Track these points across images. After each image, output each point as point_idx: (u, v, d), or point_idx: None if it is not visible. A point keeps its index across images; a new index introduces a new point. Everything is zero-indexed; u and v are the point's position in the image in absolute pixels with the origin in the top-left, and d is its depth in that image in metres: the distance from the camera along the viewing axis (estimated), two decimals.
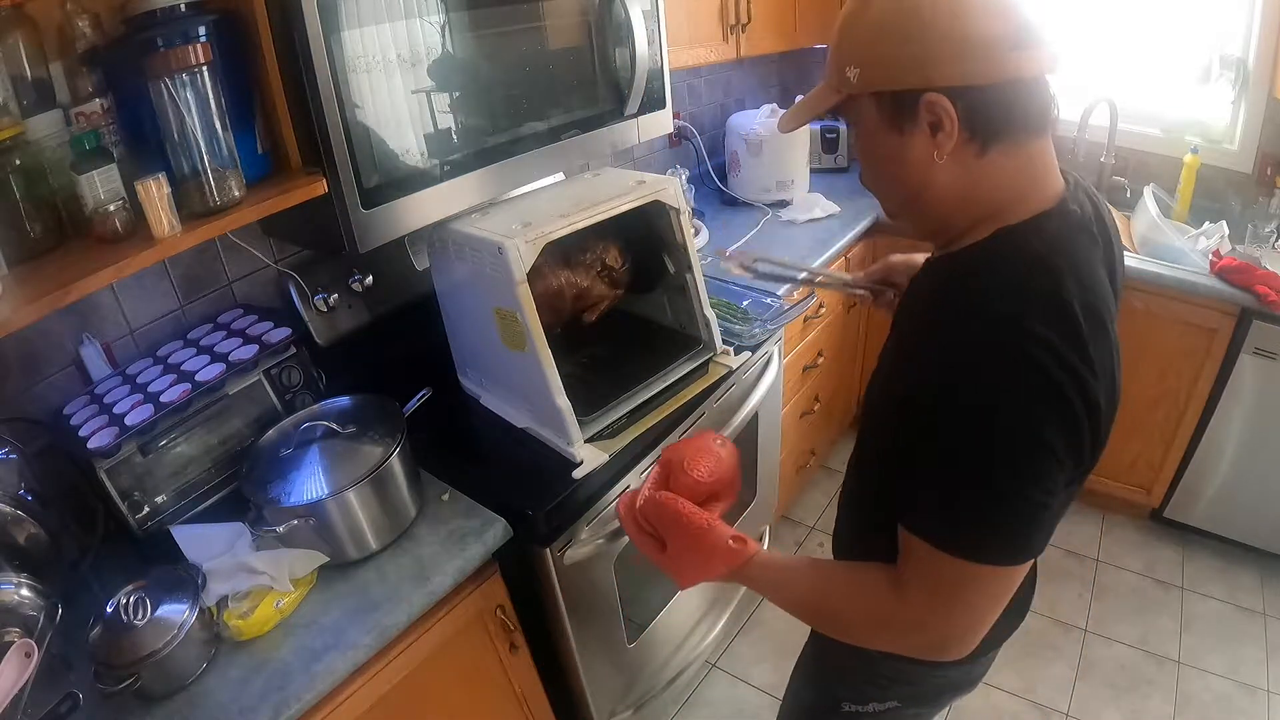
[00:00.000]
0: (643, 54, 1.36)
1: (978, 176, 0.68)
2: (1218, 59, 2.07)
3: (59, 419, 1.13)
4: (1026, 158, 0.68)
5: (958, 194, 0.69)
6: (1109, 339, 0.69)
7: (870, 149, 0.72)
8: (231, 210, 1.02)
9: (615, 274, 1.44)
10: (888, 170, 0.73)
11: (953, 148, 0.66)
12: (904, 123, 0.67)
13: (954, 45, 0.62)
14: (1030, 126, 0.67)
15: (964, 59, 0.63)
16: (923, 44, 0.63)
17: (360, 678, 1.01)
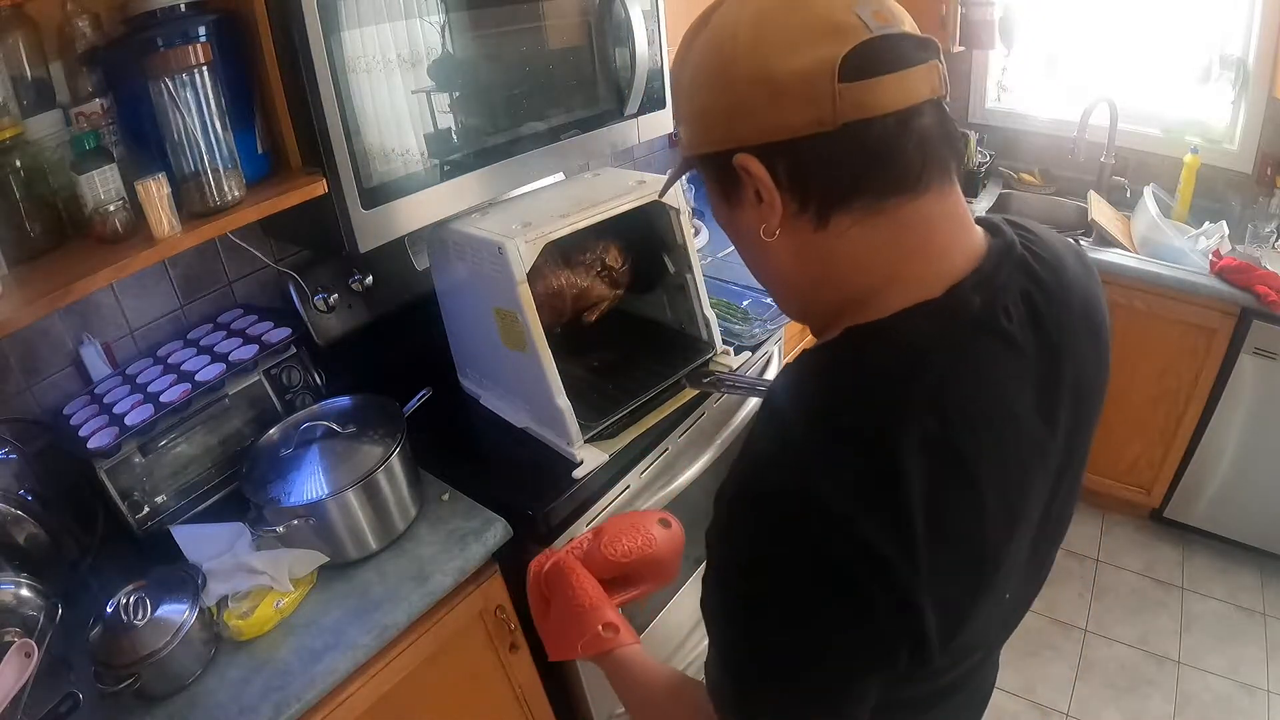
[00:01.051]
0: (643, 54, 1.36)
1: (824, 254, 0.51)
2: (1218, 59, 2.07)
3: (59, 419, 1.13)
4: (896, 227, 0.50)
5: (807, 278, 0.54)
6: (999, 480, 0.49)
7: (718, 219, 0.58)
8: (231, 210, 1.02)
9: (615, 274, 1.44)
10: (741, 250, 0.58)
11: (780, 220, 0.51)
12: (730, 190, 0.53)
13: (763, 87, 0.47)
14: (893, 181, 0.49)
15: (777, 105, 0.47)
16: (729, 90, 0.49)
17: (360, 678, 1.01)
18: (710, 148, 0.52)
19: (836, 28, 0.47)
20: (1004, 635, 0.68)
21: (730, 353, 1.48)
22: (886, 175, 0.49)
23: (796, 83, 0.47)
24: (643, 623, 1.55)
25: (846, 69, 0.46)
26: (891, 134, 0.47)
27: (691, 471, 1.37)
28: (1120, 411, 2.08)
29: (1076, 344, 0.55)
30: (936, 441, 0.45)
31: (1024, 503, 0.52)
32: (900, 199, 0.49)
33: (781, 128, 0.48)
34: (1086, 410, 0.57)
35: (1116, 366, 0.63)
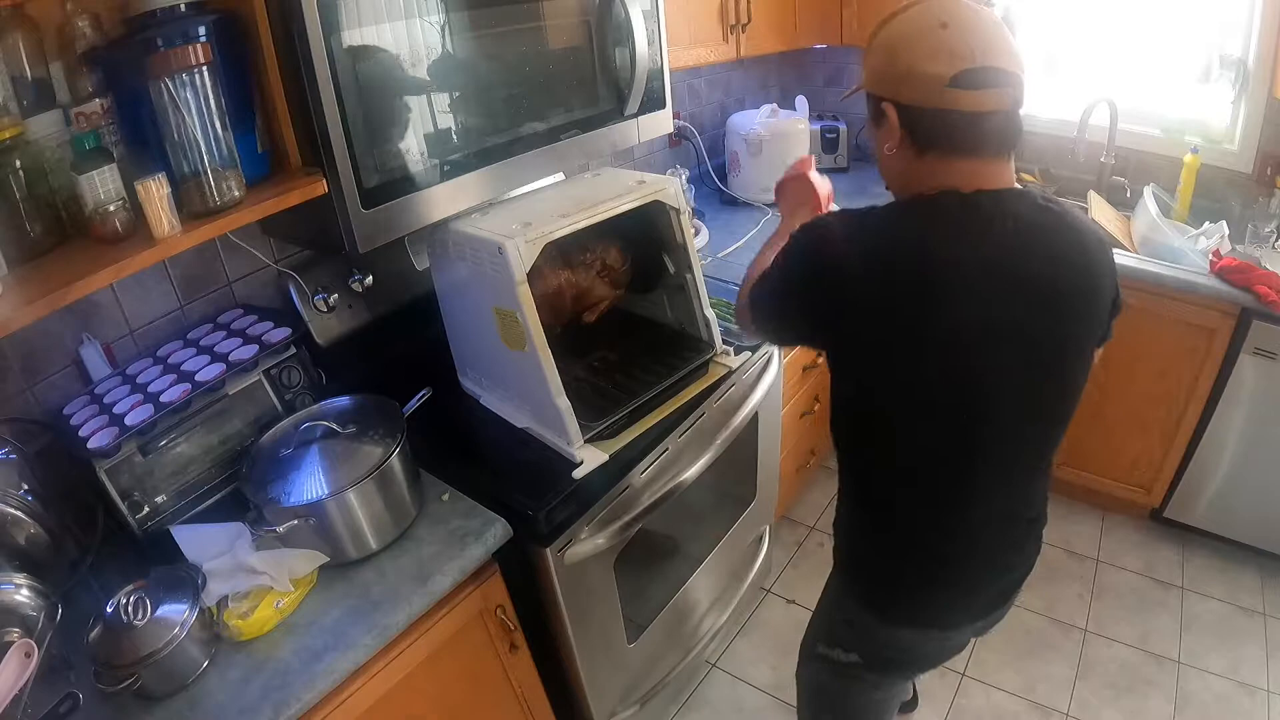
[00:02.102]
0: (643, 54, 1.36)
1: (913, 169, 0.88)
2: (1218, 59, 2.07)
3: (59, 419, 1.13)
4: (954, 170, 0.85)
5: (902, 176, 0.91)
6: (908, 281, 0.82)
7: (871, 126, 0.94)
8: (231, 210, 1.02)
9: (615, 274, 1.44)
10: (873, 148, 0.95)
11: (897, 145, 0.87)
12: (879, 116, 0.89)
13: (903, 74, 0.84)
14: (959, 148, 0.84)
15: (908, 85, 0.84)
16: (891, 67, 0.85)
17: (360, 678, 1.01)
18: (877, 91, 0.88)
19: (955, 54, 0.81)
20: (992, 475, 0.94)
21: (730, 353, 1.48)
22: (953, 143, 0.84)
23: (924, 79, 0.82)
24: (648, 618, 1.55)
25: (952, 81, 0.81)
26: (958, 123, 0.83)
27: (692, 471, 1.37)
28: (1120, 411, 2.08)
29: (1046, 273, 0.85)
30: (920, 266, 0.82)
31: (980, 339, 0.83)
32: (960, 158, 0.85)
33: (909, 97, 0.84)
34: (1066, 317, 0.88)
35: (1117, 366, 0.76)
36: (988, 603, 1.05)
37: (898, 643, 1.06)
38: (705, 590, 1.74)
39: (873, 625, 1.05)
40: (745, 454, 1.74)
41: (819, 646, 1.16)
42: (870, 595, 1.05)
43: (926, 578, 1.00)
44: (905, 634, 1.05)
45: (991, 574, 1.02)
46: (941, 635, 1.06)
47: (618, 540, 1.29)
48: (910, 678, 1.15)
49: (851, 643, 1.10)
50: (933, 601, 1.02)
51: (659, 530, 1.50)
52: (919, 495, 0.94)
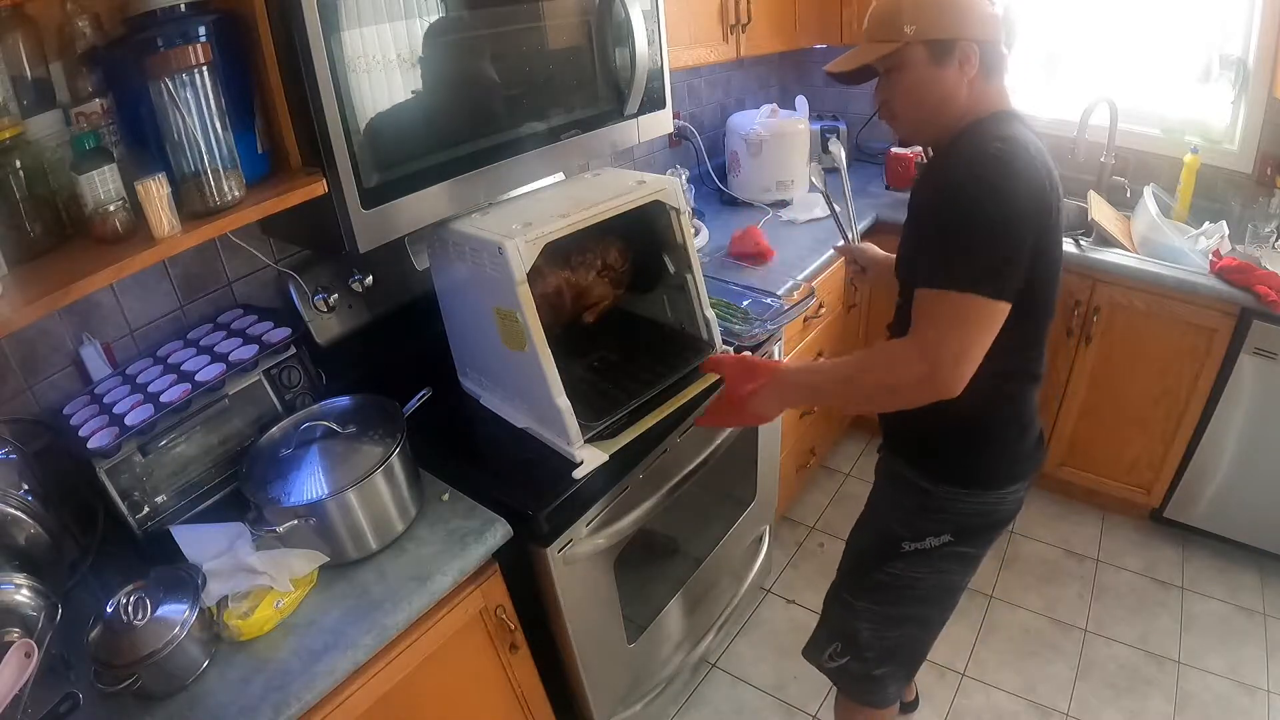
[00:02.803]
0: (643, 54, 1.36)
1: (979, 95, 1.05)
2: (1218, 59, 2.07)
3: (59, 419, 1.13)
4: (1002, 88, 1.07)
5: (964, 106, 1.05)
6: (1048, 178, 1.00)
7: (912, 83, 1.05)
8: (231, 210, 1.02)
9: (615, 274, 1.44)
10: (923, 95, 1.05)
11: (973, 77, 1.03)
12: (944, 59, 1.03)
13: (978, 13, 1.02)
14: (1004, 69, 1.07)
15: (983, 22, 1.03)
16: (969, 11, 1.02)
17: (360, 678, 1.01)
18: (944, 34, 1.02)
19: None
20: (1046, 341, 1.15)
21: (730, 353, 1.48)
22: (1004, 66, 1.07)
23: (992, 15, 1.04)
24: (648, 617, 1.55)
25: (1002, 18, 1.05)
26: (1004, 53, 1.06)
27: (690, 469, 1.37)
28: (1120, 411, 2.08)
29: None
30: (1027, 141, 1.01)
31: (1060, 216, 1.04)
32: (1003, 76, 1.07)
33: (985, 31, 1.03)
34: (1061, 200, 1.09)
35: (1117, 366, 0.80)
36: (1038, 450, 1.21)
37: (989, 504, 1.17)
38: (705, 590, 1.74)
39: (962, 498, 1.15)
40: (745, 454, 1.74)
41: (905, 545, 1.20)
42: (967, 470, 1.15)
43: (1012, 439, 1.15)
44: (994, 495, 1.16)
45: (1035, 430, 1.19)
46: (1019, 488, 1.18)
47: (618, 540, 1.29)
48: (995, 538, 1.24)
49: (942, 525, 1.18)
50: (1018, 458, 1.16)
51: (659, 530, 1.50)
52: (1024, 362, 1.10)
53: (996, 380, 1.04)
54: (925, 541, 1.19)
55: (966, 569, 1.25)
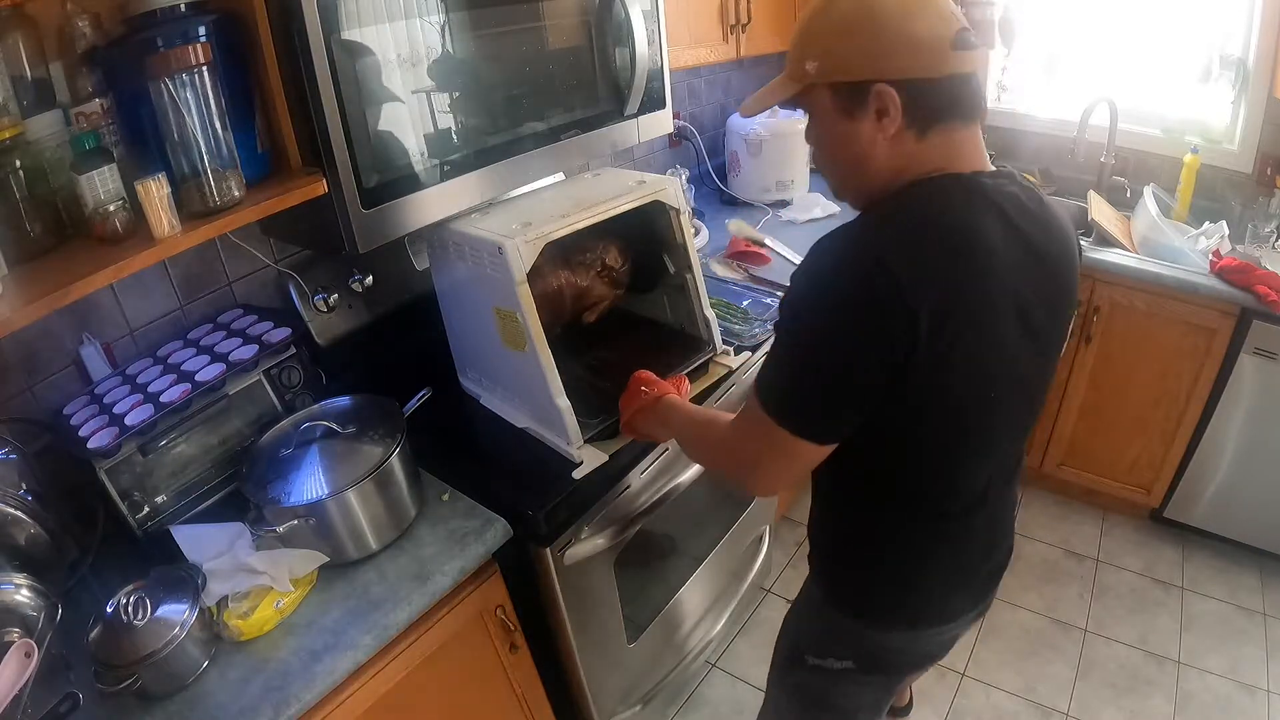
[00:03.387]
0: (643, 54, 1.36)
1: (912, 155, 0.78)
2: (1218, 59, 2.07)
3: (59, 419, 1.13)
4: (956, 142, 0.78)
5: (894, 169, 0.79)
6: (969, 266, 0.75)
7: (823, 133, 0.83)
8: (231, 210, 1.02)
9: (615, 274, 1.44)
10: (836, 151, 0.84)
11: (897, 129, 0.77)
12: (855, 109, 0.77)
13: (904, 42, 0.73)
14: (962, 115, 0.77)
15: (912, 55, 0.74)
16: (876, 40, 0.74)
17: (360, 678, 1.01)
18: (851, 77, 0.77)
19: (950, 14, 0.75)
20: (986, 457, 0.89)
21: (730, 353, 1.48)
22: (960, 109, 0.77)
23: (928, 43, 0.73)
24: (648, 618, 1.55)
25: (955, 42, 0.73)
26: (964, 85, 0.76)
27: (691, 471, 1.37)
28: (1120, 411, 2.08)
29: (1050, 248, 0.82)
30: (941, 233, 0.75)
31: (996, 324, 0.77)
32: (959, 124, 0.78)
33: (912, 70, 0.74)
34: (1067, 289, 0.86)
35: (1117, 366, 0.77)
36: (980, 588, 1.02)
37: (892, 644, 1.03)
38: (705, 590, 1.74)
39: (863, 631, 1.01)
40: None
41: (809, 658, 1.10)
42: (859, 602, 1.00)
43: (918, 576, 0.95)
44: (898, 636, 1.02)
45: (983, 559, 0.99)
46: (937, 631, 1.03)
47: (617, 540, 1.29)
48: (909, 675, 1.13)
49: (844, 651, 1.05)
50: (928, 599, 0.98)
51: (659, 530, 1.50)
52: (921, 492, 0.88)
53: (877, 509, 0.91)
54: (827, 661, 1.07)
55: (878, 696, 1.12)
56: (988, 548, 0.99)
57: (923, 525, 0.92)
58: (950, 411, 0.79)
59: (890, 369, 0.73)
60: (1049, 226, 0.82)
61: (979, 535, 0.96)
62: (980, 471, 0.89)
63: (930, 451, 0.84)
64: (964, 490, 0.89)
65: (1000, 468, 0.92)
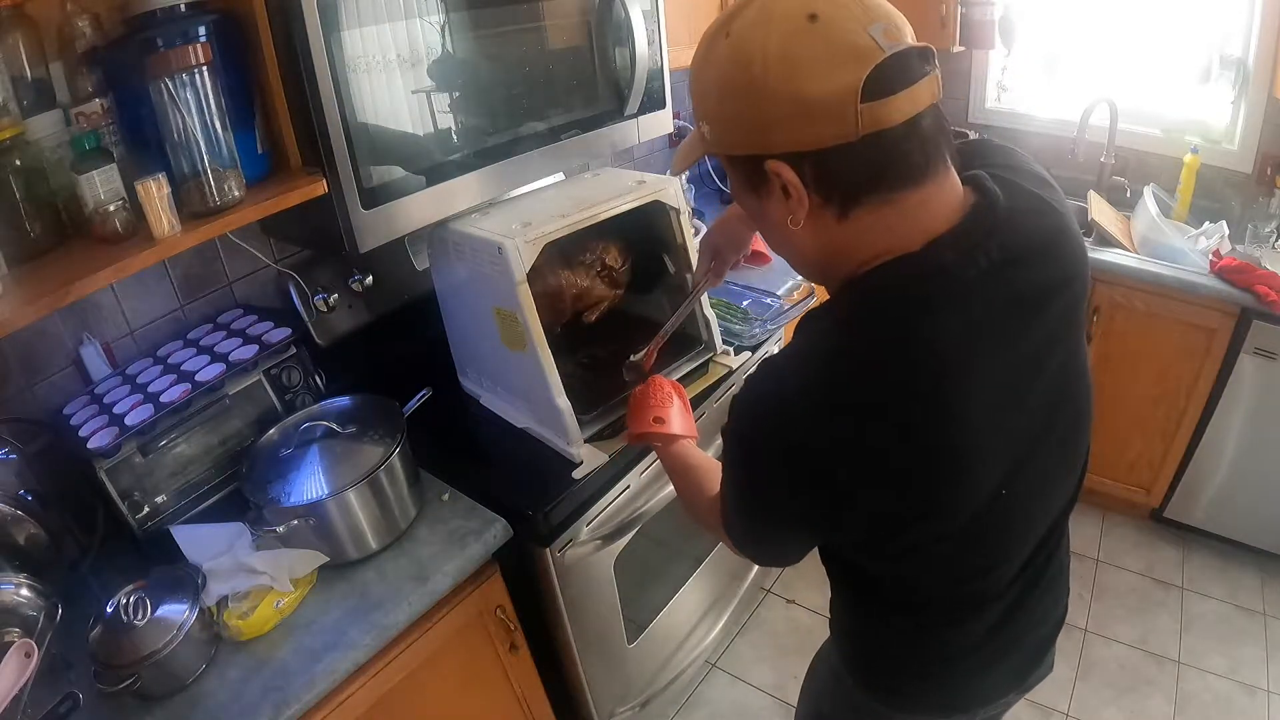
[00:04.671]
0: (643, 54, 1.36)
1: (842, 236, 0.60)
2: (1218, 59, 2.07)
3: (59, 419, 1.13)
4: (901, 210, 0.58)
5: (822, 253, 0.63)
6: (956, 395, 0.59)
7: (741, 205, 0.68)
8: (231, 210, 1.02)
9: (615, 274, 1.44)
10: (760, 228, 0.69)
11: (807, 213, 0.59)
12: (759, 186, 0.61)
13: (793, 107, 0.54)
14: (905, 177, 0.57)
15: (807, 122, 0.55)
16: (759, 106, 0.56)
17: (360, 678, 1.01)
18: (742, 151, 0.60)
19: (856, 52, 0.53)
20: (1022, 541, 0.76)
21: (730, 353, 1.48)
22: (897, 173, 0.57)
23: (824, 103, 0.54)
24: (648, 618, 1.55)
25: (867, 90, 0.53)
26: (901, 139, 0.55)
27: None
28: (1120, 411, 2.07)
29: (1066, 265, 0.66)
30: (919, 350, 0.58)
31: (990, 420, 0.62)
32: (907, 190, 0.58)
33: (810, 140, 0.55)
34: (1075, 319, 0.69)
35: (1117, 366, 0.70)
36: (1028, 662, 0.88)
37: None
38: (705, 591, 1.74)
39: (894, 716, 0.90)
40: None
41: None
42: (886, 687, 0.89)
43: (949, 673, 0.83)
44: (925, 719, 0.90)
45: (1030, 632, 0.85)
46: (979, 712, 0.91)
47: (618, 540, 1.29)
48: None
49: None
50: (964, 689, 0.86)
51: (659, 530, 1.50)
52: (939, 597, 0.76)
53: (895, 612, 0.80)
54: None
55: None
56: (1036, 621, 0.85)
57: (949, 622, 0.78)
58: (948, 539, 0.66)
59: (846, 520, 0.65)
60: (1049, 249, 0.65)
61: (1017, 620, 0.80)
62: (1016, 553, 0.75)
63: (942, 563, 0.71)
64: (999, 577, 0.75)
65: (1050, 531, 0.78)
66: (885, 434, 0.58)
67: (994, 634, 0.79)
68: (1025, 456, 0.67)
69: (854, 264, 0.62)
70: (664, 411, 1.03)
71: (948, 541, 0.67)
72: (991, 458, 0.64)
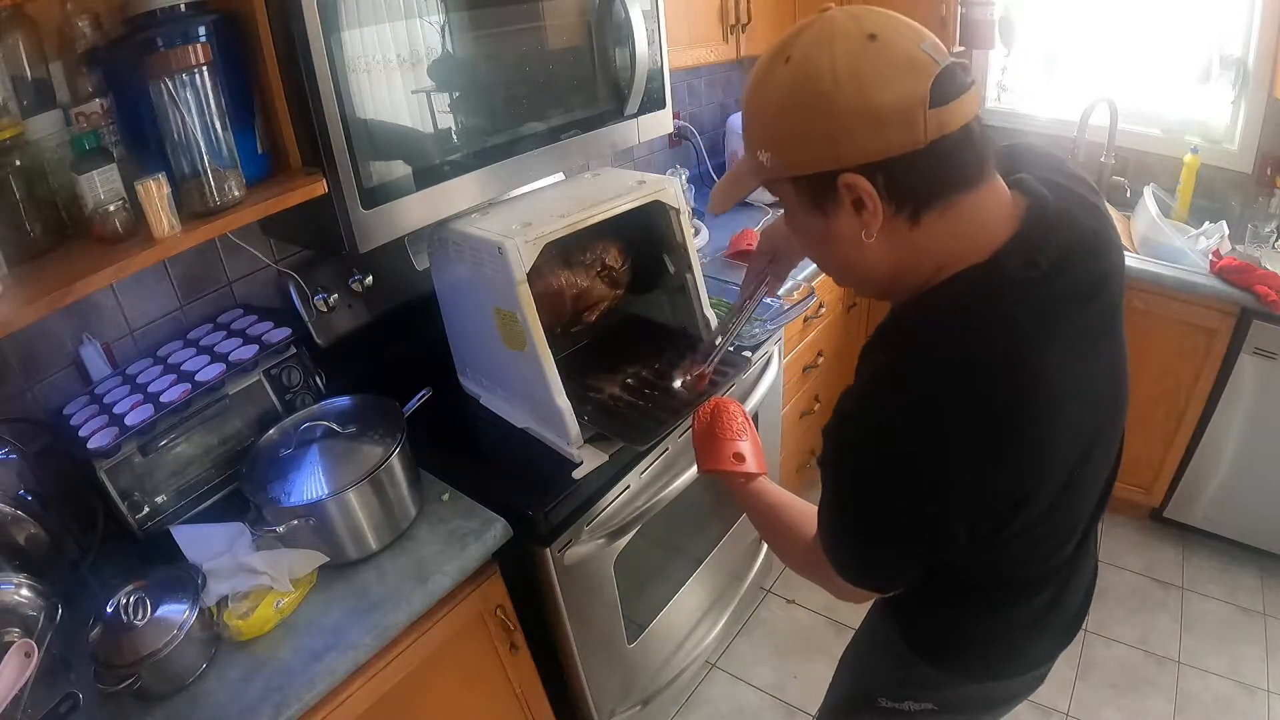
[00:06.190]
0: (643, 54, 1.36)
1: (913, 244, 0.64)
2: (1218, 59, 2.07)
3: (59, 419, 1.13)
4: (963, 214, 0.62)
5: (895, 264, 0.66)
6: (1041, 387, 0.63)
7: (799, 230, 0.70)
8: (231, 210, 1.02)
9: (615, 274, 1.44)
10: (824, 251, 0.71)
11: (881, 224, 0.62)
12: (826, 204, 0.63)
13: (865, 118, 0.57)
14: (965, 181, 0.62)
15: (879, 132, 0.58)
16: (830, 120, 0.58)
17: (360, 678, 1.01)
18: (811, 169, 0.62)
19: (915, 64, 0.57)
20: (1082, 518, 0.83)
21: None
22: (959, 176, 0.61)
23: (895, 112, 0.57)
24: (648, 618, 1.55)
25: (933, 98, 0.57)
26: (960, 144, 0.60)
27: (692, 471, 1.37)
28: None
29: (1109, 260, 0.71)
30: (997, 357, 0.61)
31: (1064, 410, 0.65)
32: (967, 193, 0.62)
33: (881, 149, 0.58)
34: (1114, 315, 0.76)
35: None
36: (1069, 628, 0.94)
37: (976, 693, 0.96)
38: (705, 590, 1.74)
39: (947, 679, 0.93)
40: None
41: (881, 700, 1.01)
42: (942, 652, 0.92)
43: (1004, 642, 0.89)
44: (984, 686, 0.94)
45: (1075, 601, 0.92)
46: (1026, 677, 0.96)
47: (618, 540, 1.29)
48: (993, 715, 1.02)
49: (924, 695, 0.97)
50: (1017, 656, 0.91)
51: (659, 530, 1.50)
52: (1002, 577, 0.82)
53: (957, 593, 0.85)
54: (904, 704, 0.99)
55: None
56: (1078, 590, 0.91)
57: (1018, 599, 0.84)
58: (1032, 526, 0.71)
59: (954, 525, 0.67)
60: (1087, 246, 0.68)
61: (1070, 587, 0.88)
62: (1077, 530, 0.82)
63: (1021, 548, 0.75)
64: (1063, 554, 0.82)
65: (1097, 505, 0.86)
66: (984, 435, 0.62)
67: (1052, 603, 0.86)
68: (1091, 442, 0.72)
69: (924, 275, 0.65)
70: (741, 446, 0.98)
71: (1030, 529, 0.71)
72: (1067, 445, 0.68)
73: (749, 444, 0.99)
